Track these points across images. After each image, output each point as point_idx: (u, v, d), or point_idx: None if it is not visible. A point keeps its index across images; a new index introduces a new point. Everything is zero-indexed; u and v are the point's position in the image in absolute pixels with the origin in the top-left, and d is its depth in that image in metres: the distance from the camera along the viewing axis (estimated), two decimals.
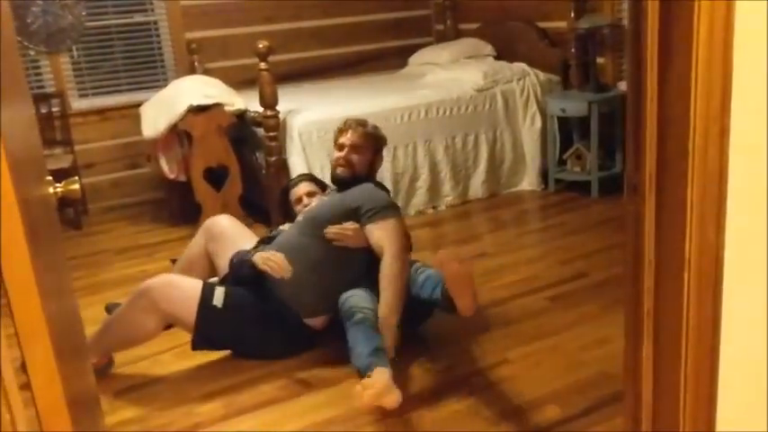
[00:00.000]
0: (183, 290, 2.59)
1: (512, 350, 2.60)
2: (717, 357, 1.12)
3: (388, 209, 2.62)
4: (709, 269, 1.04)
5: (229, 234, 2.87)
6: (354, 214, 2.62)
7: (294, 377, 2.52)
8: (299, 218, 2.83)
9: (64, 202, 4.53)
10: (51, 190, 1.50)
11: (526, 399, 2.28)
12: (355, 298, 2.53)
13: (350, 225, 2.60)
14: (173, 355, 2.74)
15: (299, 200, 3.00)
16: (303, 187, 3.04)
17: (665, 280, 1.13)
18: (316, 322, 2.68)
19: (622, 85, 4.48)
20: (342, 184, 2.81)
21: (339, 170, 2.78)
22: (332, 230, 2.60)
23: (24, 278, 0.82)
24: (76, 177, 1.53)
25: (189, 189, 4.21)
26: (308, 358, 2.64)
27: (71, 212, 4.66)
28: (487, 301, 2.99)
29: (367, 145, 2.79)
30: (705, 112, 0.96)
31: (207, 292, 2.58)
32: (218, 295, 2.58)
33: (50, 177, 1.53)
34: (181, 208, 4.49)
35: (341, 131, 2.84)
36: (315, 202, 2.91)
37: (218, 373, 2.59)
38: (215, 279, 2.83)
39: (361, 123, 2.86)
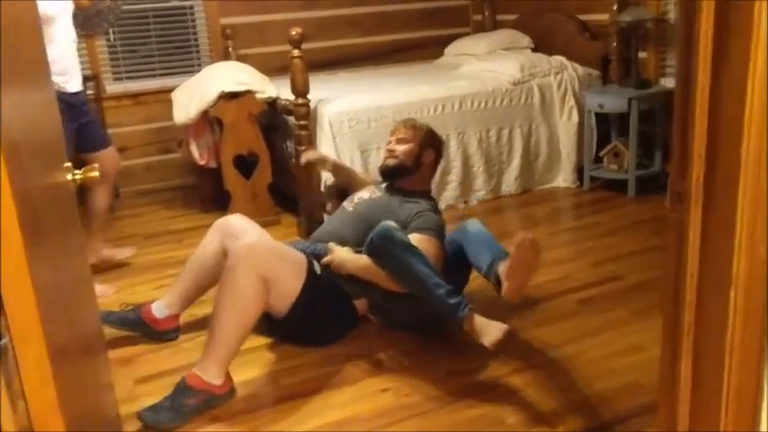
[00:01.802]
0: (289, 252, 2.53)
1: (539, 354, 2.51)
2: (762, 380, 1.03)
3: (431, 230, 2.62)
4: (759, 289, 0.95)
5: (248, 229, 2.81)
6: (403, 227, 2.62)
7: (315, 373, 2.48)
8: (350, 208, 2.84)
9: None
10: (69, 177, 1.46)
11: (552, 406, 2.20)
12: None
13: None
14: (196, 344, 2.71)
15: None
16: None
17: (708, 296, 1.05)
18: (360, 304, 2.69)
19: (665, 82, 4.33)
20: (389, 174, 2.88)
21: (387, 161, 2.88)
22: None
23: (18, 275, 0.77)
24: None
25: (219, 176, 4.19)
26: (330, 355, 2.59)
27: None
28: (515, 303, 2.90)
29: (412, 137, 2.87)
30: (761, 119, 0.87)
31: (309, 257, 2.58)
32: (315, 263, 2.58)
33: (69, 164, 1.49)
34: (212, 194, 4.48)
35: (391, 133, 2.97)
36: (369, 194, 2.89)
37: (239, 366, 2.55)
38: None
39: (409, 120, 3.01)
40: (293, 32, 3.69)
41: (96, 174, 1.48)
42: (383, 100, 4.06)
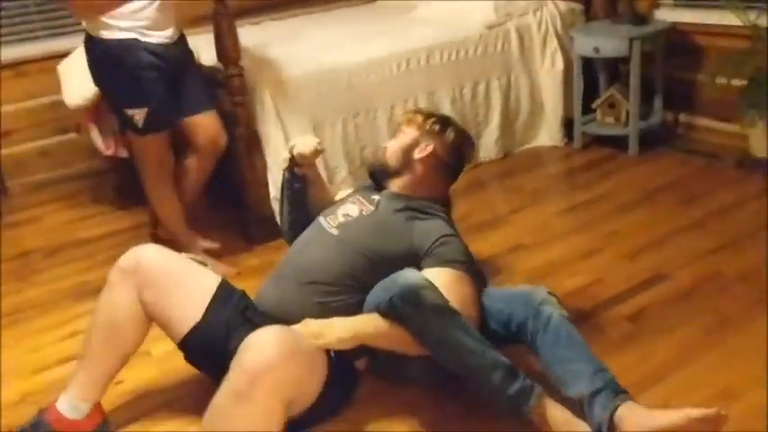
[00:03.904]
0: (309, 354, 1.71)
1: None
2: None
3: (463, 263, 1.90)
4: None
5: (172, 269, 1.91)
6: (416, 257, 1.90)
7: None
8: (332, 230, 2.01)
9: None
10: None
11: None
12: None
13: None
14: None
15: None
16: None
17: None
18: (360, 363, 2.01)
19: (661, 15, 3.69)
20: (372, 176, 2.17)
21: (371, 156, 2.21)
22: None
23: None
24: None
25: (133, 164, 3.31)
26: None
27: None
28: None
29: (410, 126, 2.13)
30: None
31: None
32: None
33: None
34: (128, 183, 3.53)
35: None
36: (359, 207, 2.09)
37: None
38: None
39: (420, 109, 2.43)
40: None
41: None
42: (335, 60, 3.25)
